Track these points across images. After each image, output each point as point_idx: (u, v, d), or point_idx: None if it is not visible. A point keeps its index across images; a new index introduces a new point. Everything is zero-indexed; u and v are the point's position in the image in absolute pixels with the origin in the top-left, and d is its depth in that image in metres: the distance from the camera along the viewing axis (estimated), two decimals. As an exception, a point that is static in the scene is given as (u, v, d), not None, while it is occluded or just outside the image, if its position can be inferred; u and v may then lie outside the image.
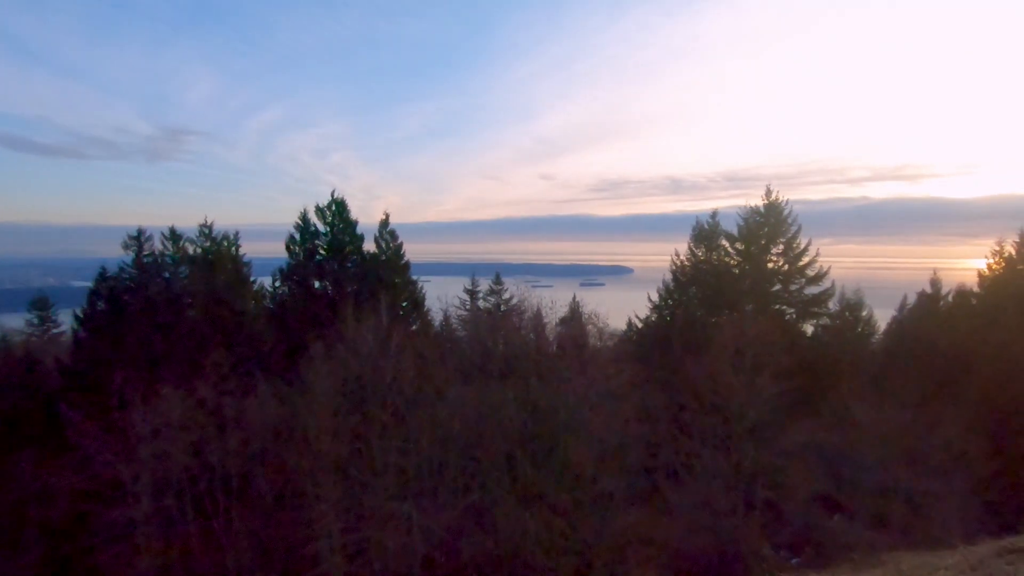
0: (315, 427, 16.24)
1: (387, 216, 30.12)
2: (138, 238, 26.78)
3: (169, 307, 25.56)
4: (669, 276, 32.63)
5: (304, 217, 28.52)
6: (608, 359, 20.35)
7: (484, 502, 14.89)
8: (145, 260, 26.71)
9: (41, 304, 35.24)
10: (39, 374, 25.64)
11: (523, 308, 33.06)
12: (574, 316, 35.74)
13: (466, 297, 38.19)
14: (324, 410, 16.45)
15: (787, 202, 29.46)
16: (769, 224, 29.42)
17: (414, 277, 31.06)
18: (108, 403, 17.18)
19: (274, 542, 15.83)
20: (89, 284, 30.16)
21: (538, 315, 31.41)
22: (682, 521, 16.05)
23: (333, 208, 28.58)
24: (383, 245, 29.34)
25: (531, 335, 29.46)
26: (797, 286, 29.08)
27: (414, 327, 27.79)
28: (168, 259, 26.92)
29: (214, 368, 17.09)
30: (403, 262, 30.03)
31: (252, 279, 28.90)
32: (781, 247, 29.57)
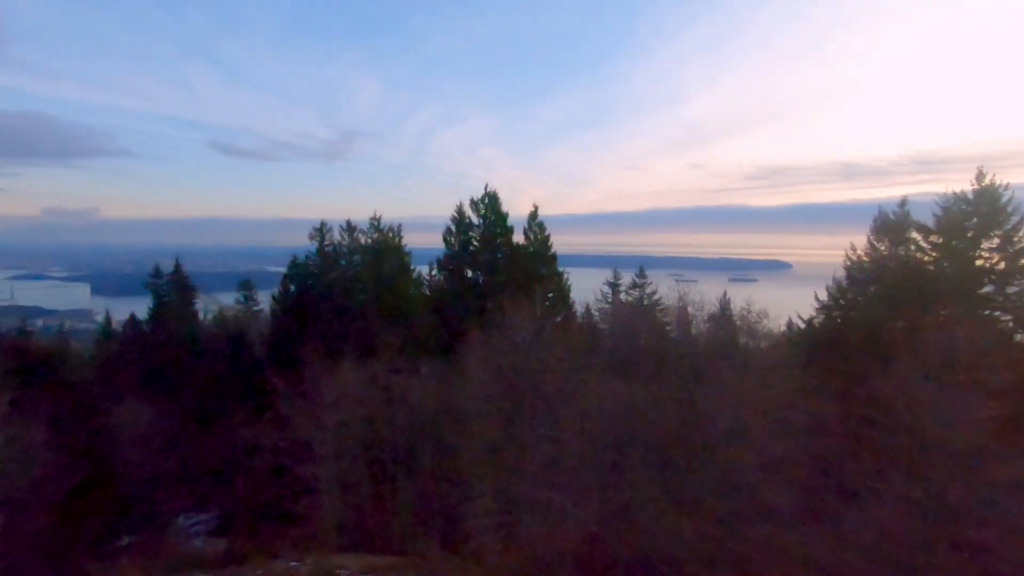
0: (470, 410, 17.20)
1: (536, 208, 30.74)
2: (321, 230, 30.39)
3: (344, 292, 28.68)
4: (840, 272, 29.07)
5: (460, 210, 30.19)
6: (770, 362, 18.72)
7: (635, 501, 14.59)
8: (326, 250, 30.25)
9: (246, 286, 41.50)
10: (246, 345, 30.37)
11: (667, 303, 31.78)
12: (724, 313, 33.50)
13: (608, 290, 37.69)
14: (479, 394, 17.33)
15: (1007, 187, 24.47)
16: (980, 213, 24.71)
17: (560, 269, 31.38)
18: (300, 373, 19.75)
19: (434, 512, 17.10)
20: (283, 270, 35.00)
21: (683, 311, 29.95)
22: (859, 549, 14.24)
23: (486, 201, 29.85)
24: (531, 237, 30.03)
25: (675, 331, 28.18)
26: (1016, 288, 24.17)
27: (559, 319, 28.09)
28: (344, 249, 30.21)
29: (385, 348, 18.80)
30: (550, 254, 30.47)
31: (413, 268, 31.33)
32: (996, 241, 24.72)
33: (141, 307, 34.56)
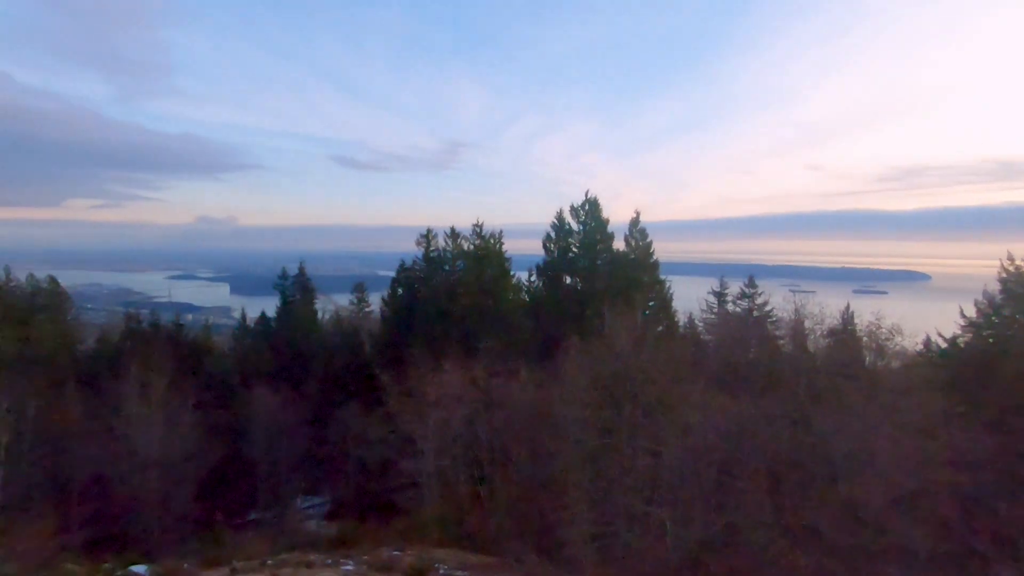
0: (567, 416, 17.13)
1: (638, 214, 30.07)
2: (427, 237, 31.86)
3: (447, 296, 29.81)
4: (993, 285, 25.38)
5: (560, 216, 30.30)
6: (904, 385, 16.77)
7: (741, 524, 13.71)
8: (431, 255, 31.66)
9: (359, 289, 44.44)
10: (358, 343, 32.56)
11: (781, 315, 29.58)
12: (847, 328, 30.53)
13: (713, 299, 35.84)
14: (577, 401, 17.22)
15: None
16: None
17: (662, 277, 30.40)
18: (406, 372, 20.82)
19: (529, 516, 17.21)
20: (391, 274, 37.11)
21: (799, 323, 27.70)
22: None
23: (587, 207, 29.70)
24: (633, 243, 29.39)
25: (789, 346, 26.12)
26: None
27: (660, 328, 27.19)
28: (448, 254, 31.45)
29: (485, 352, 19.29)
30: (652, 260, 29.64)
31: (512, 274, 31.86)
32: None
33: (271, 306, 38.29)
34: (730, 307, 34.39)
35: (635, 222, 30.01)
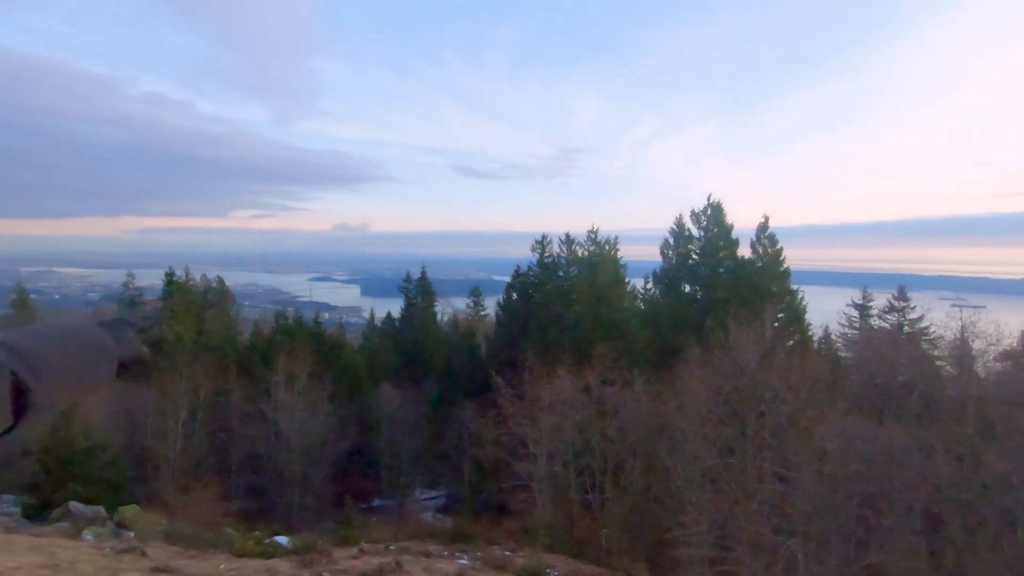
0: (685, 431, 16.37)
1: (766, 219, 28.04)
2: (542, 243, 32.21)
3: (561, 301, 29.90)
4: None
5: (679, 222, 29.15)
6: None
7: (888, 567, 12.15)
8: (546, 261, 31.97)
9: (475, 293, 46.15)
10: (474, 345, 33.75)
11: (940, 332, 25.82)
12: (1030, 351, 25.86)
13: (854, 313, 32.31)
14: (695, 415, 16.41)
15: None
16: None
17: (793, 286, 28.03)
18: (519, 375, 21.18)
19: (642, 531, 16.69)
20: (507, 279, 38.06)
21: (965, 343, 23.98)
22: None
23: (708, 212, 28.28)
24: (760, 250, 27.44)
25: (952, 368, 22.73)
26: None
27: (791, 342, 25.05)
28: (562, 260, 31.56)
29: (600, 359, 19.06)
30: (782, 269, 27.45)
31: (627, 280, 31.20)
32: None
33: (396, 307, 40.99)
34: (875, 322, 30.83)
35: (763, 227, 28.00)
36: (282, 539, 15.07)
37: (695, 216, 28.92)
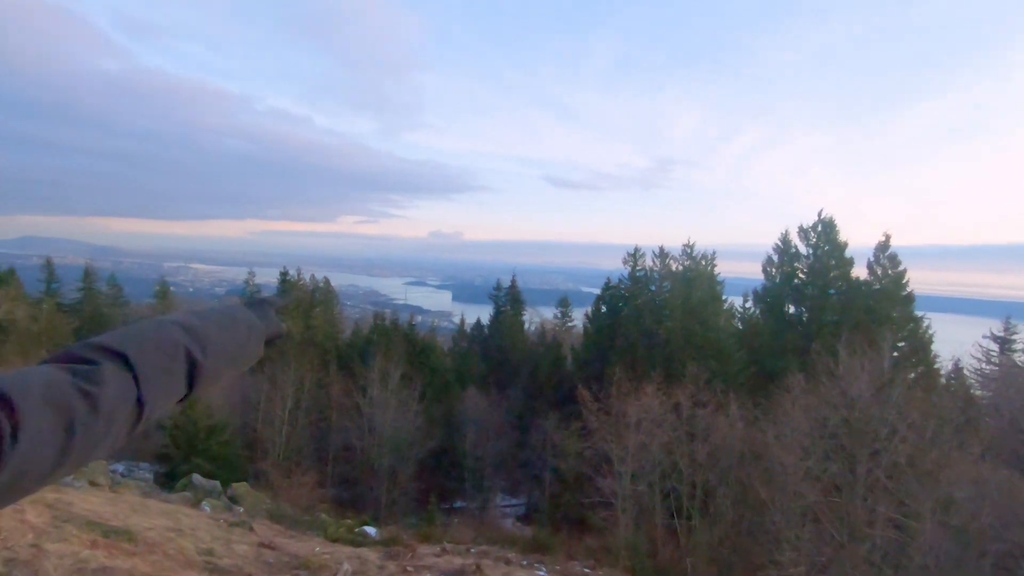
0: (784, 463, 15.22)
1: (887, 238, 25.60)
2: (634, 255, 31.57)
3: (652, 317, 29.07)
4: None
5: (785, 238, 27.36)
6: None
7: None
8: (638, 274, 31.27)
9: (563, 303, 46.07)
10: (560, 356, 33.63)
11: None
12: None
13: (993, 346, 28.50)
14: (796, 447, 15.23)
15: None
16: None
17: (918, 313, 25.29)
18: (605, 389, 20.80)
19: (731, 565, 15.70)
20: (595, 291, 37.64)
21: None
22: None
23: (819, 228, 26.31)
24: (879, 271, 25.06)
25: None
26: None
27: (913, 375, 22.56)
28: (655, 274, 30.70)
29: (691, 378, 18.28)
30: (904, 293, 24.87)
31: (724, 298, 29.74)
32: None
33: (486, 313, 41.85)
34: (1018, 357, 27.06)
35: (883, 246, 25.55)
36: (370, 529, 15.81)
37: (803, 232, 26.98)
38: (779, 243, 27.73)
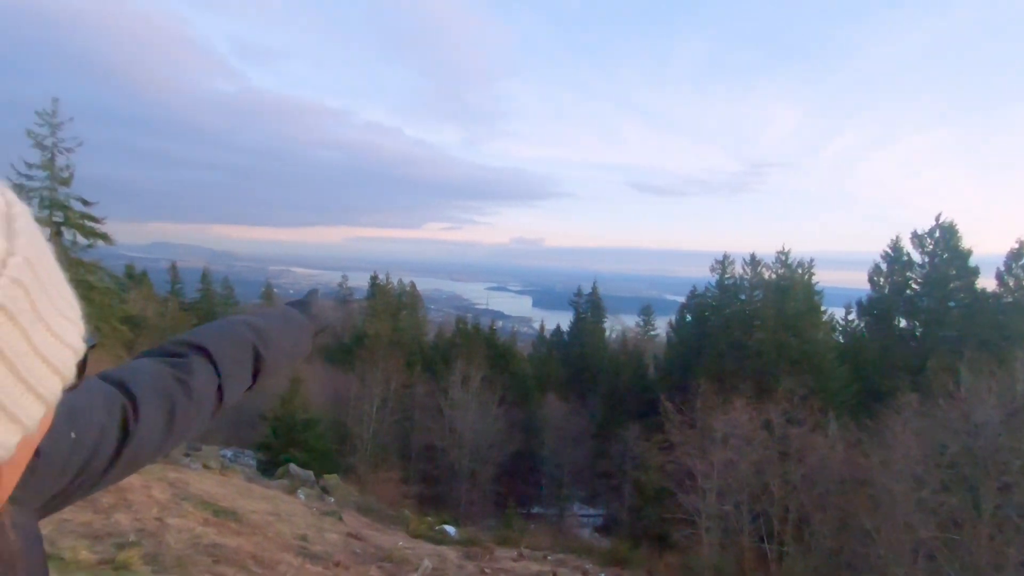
0: (893, 492, 13.86)
1: (1021, 245, 22.69)
2: (722, 263, 30.20)
3: (742, 327, 27.62)
4: None
5: (895, 244, 25.06)
6: None
7: None
8: (726, 283, 29.86)
9: (646, 311, 44.92)
10: (642, 366, 32.79)
11: None
12: None
13: None
14: (908, 475, 13.82)
15: None
16: None
17: (1060, 330, 22.16)
18: (690, 402, 20.01)
19: (830, 598, 14.50)
20: (680, 299, 36.39)
21: None
22: None
23: (937, 234, 23.85)
24: (1010, 283, 22.27)
25: None
26: None
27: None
28: (745, 283, 29.17)
29: (785, 394, 17.16)
30: (1043, 307, 21.91)
31: (823, 309, 27.68)
32: None
33: (566, 320, 41.71)
34: None
35: (1016, 254, 22.69)
36: (450, 528, 16.21)
37: (918, 238, 24.54)
38: (888, 250, 25.39)
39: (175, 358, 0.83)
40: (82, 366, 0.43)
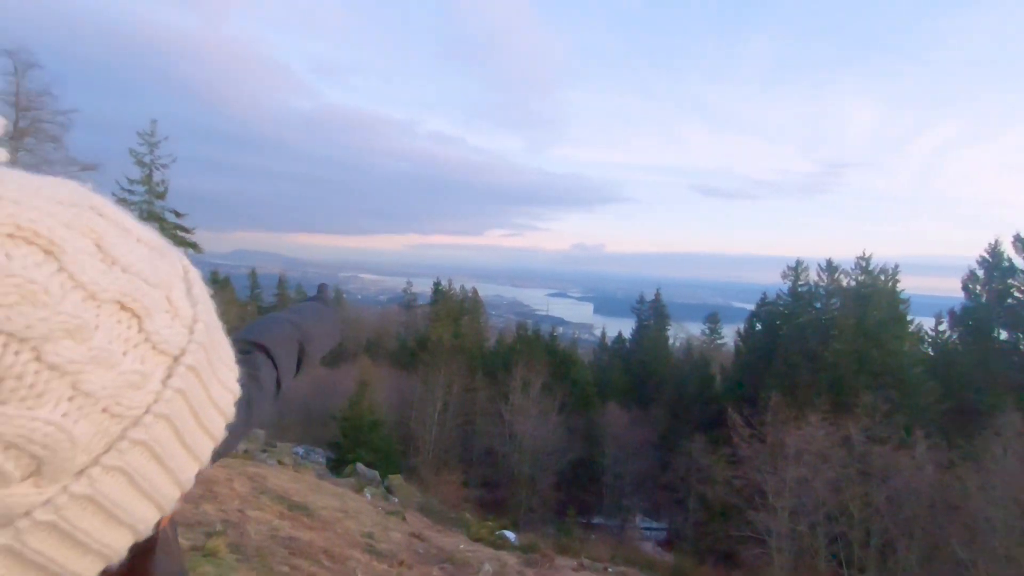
0: (992, 519, 12.67)
1: None
2: (795, 268, 28.76)
3: (817, 337, 26.14)
4: None
5: (994, 249, 23.01)
6: None
7: None
8: (800, 289, 28.40)
9: (712, 319, 43.39)
10: (708, 375, 31.68)
11: None
12: None
13: None
14: (1010, 502, 12.59)
15: None
16: None
17: None
18: (761, 416, 19.14)
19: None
20: (749, 306, 34.92)
21: None
22: None
23: (1043, 238, 21.65)
24: None
25: None
26: None
27: None
28: (821, 290, 27.62)
29: (865, 409, 16.10)
30: None
31: (909, 318, 25.75)
32: None
33: (628, 327, 41.00)
34: None
35: None
36: (510, 533, 16.27)
37: (1021, 242, 22.39)
38: (986, 255, 23.28)
39: (243, 355, 0.94)
40: None
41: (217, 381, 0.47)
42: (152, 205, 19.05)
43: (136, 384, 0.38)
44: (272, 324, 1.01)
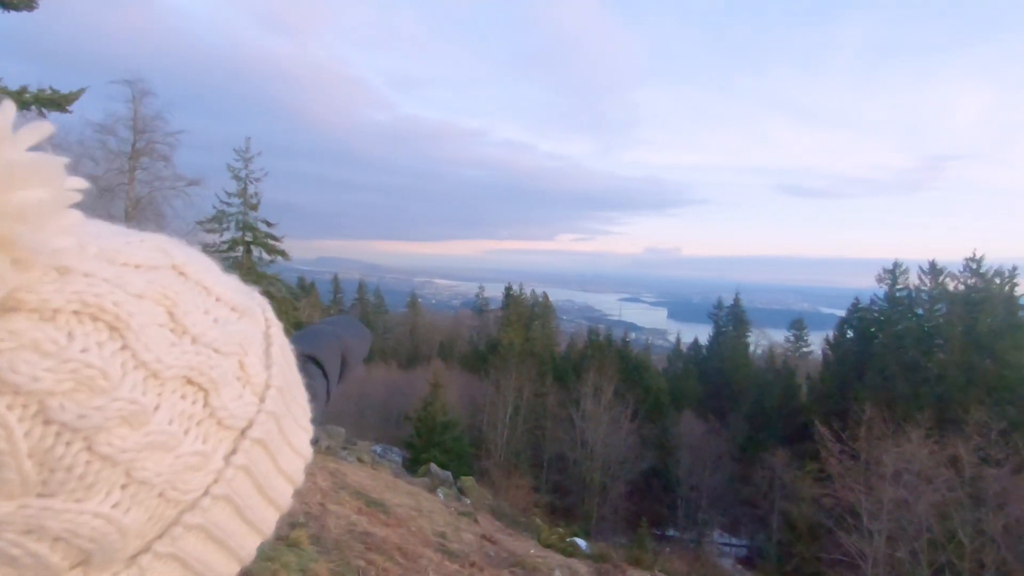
0: None
1: None
2: (893, 271, 26.58)
3: (918, 346, 24.01)
4: None
5: None
6: None
7: None
8: (898, 294, 26.20)
9: (797, 325, 40.84)
10: (793, 385, 29.88)
11: None
12: None
13: None
14: None
15: None
16: None
17: None
18: (852, 430, 17.80)
19: None
20: (839, 312, 32.59)
21: None
22: None
23: None
24: None
25: None
26: None
27: None
28: (923, 295, 25.35)
29: (977, 427, 14.57)
30: None
31: (1030, 326, 23.03)
32: None
33: (704, 333, 39.50)
34: None
35: None
36: (580, 541, 16.09)
37: None
38: None
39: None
40: None
41: (288, 447, 0.44)
42: (247, 216, 20.59)
43: (196, 467, 0.37)
44: (320, 336, 1.06)
